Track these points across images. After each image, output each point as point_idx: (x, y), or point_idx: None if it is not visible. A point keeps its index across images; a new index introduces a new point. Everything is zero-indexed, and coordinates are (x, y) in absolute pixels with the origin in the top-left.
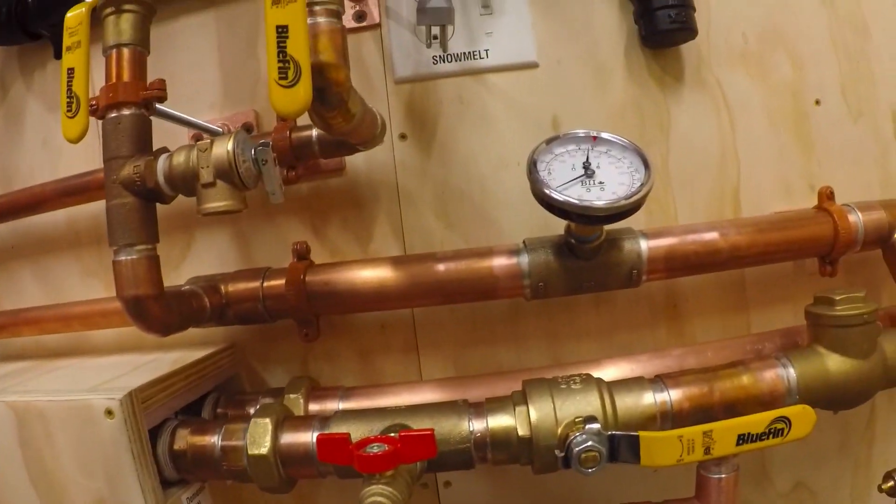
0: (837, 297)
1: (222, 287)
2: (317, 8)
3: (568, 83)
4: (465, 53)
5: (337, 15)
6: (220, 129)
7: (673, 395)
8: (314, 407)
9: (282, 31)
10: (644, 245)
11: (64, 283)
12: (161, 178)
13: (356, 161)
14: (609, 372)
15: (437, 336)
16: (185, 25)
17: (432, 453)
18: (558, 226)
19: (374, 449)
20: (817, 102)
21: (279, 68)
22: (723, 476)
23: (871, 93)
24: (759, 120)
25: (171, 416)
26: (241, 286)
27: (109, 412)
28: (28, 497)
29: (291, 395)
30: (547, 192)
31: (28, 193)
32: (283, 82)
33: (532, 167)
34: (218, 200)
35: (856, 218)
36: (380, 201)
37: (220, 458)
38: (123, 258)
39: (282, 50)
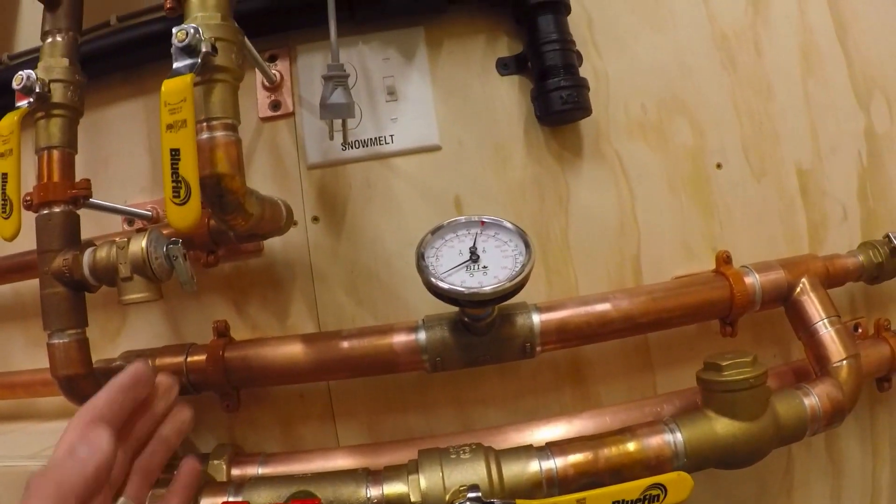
0: (724, 363)
1: (150, 361)
2: (214, 122)
3: (469, 163)
4: (371, 139)
5: (233, 128)
6: (150, 213)
7: (558, 463)
8: (236, 472)
9: (174, 154)
10: (536, 319)
11: (9, 352)
12: (86, 271)
13: (273, 243)
14: (510, 438)
15: (351, 405)
16: (116, 114)
17: None
18: None
19: None
20: (718, 166)
21: (173, 188)
22: None
23: (774, 152)
24: (659, 187)
25: None
26: (168, 360)
27: None
28: None
29: (215, 462)
30: (433, 280)
31: None
32: (177, 200)
33: (419, 259)
34: (135, 292)
35: (753, 279)
36: (295, 280)
37: None
38: (56, 341)
39: (175, 171)
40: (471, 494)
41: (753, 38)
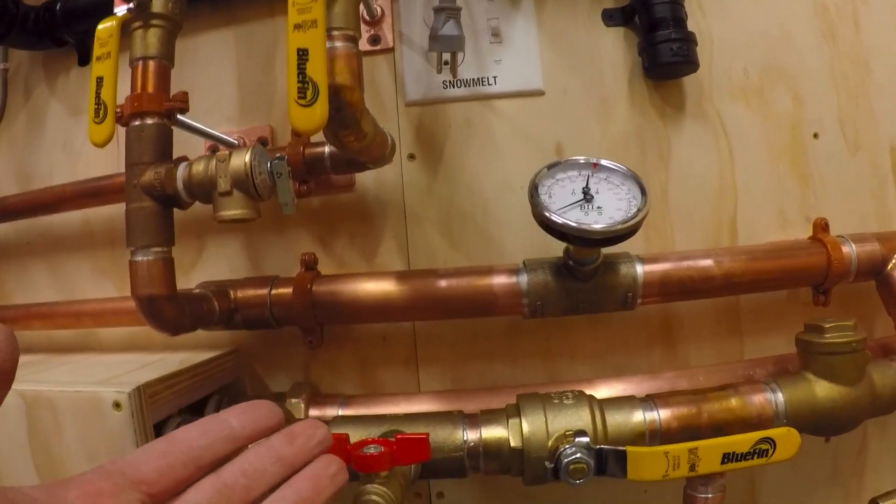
0: (827, 325)
1: (231, 293)
2: (335, 33)
3: (572, 111)
4: (474, 79)
5: (353, 40)
6: (237, 142)
7: (662, 415)
8: (314, 412)
9: (302, 55)
10: (640, 269)
11: (76, 282)
12: (180, 185)
13: (365, 178)
14: (601, 392)
15: (436, 350)
16: (205, 41)
17: (426, 457)
18: (558, 248)
19: (371, 450)
20: (815, 136)
21: (298, 88)
22: (709, 496)
23: (869, 127)
24: (758, 152)
25: (175, 413)
26: (250, 293)
27: (117, 405)
28: (32, 483)
29: (293, 400)
30: (546, 214)
31: (48, 193)
32: (302, 101)
33: (533, 191)
34: (233, 209)
35: (849, 249)
36: (387, 218)
37: None
38: (140, 259)
39: (301, 71)
40: (579, 440)
41: (853, 12)
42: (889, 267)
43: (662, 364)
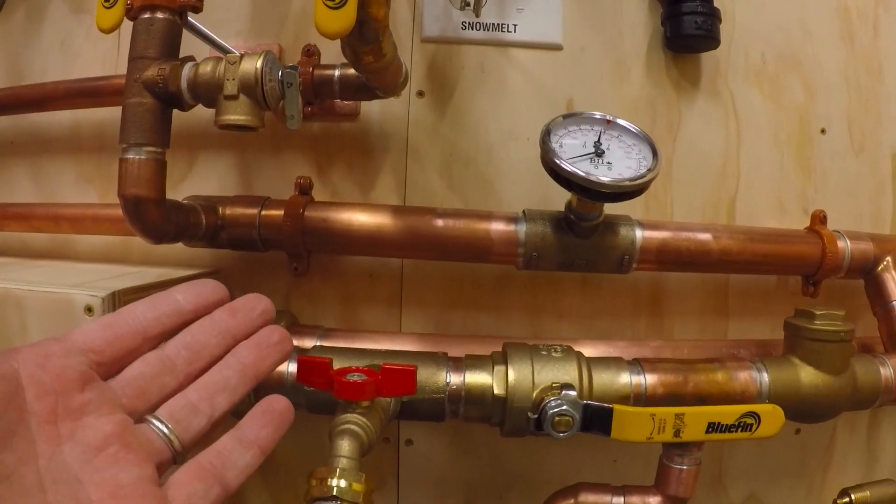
0: (818, 312)
1: (220, 209)
2: None
3: (588, 70)
4: (493, 24)
5: None
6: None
7: (648, 379)
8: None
9: None
10: (639, 234)
11: (58, 186)
12: (184, 84)
13: (371, 109)
14: (586, 352)
15: (422, 292)
16: None
17: (412, 389)
18: (557, 203)
19: (355, 377)
20: (823, 131)
21: None
22: (684, 468)
23: (875, 131)
24: (766, 137)
25: None
26: (239, 211)
27: (89, 309)
28: None
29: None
30: (557, 161)
31: (38, 89)
32: (330, 3)
33: (546, 136)
34: (237, 114)
35: (844, 244)
36: (388, 153)
37: None
38: (131, 157)
39: None
40: (566, 392)
41: (874, 18)
42: (880, 268)
43: (647, 333)
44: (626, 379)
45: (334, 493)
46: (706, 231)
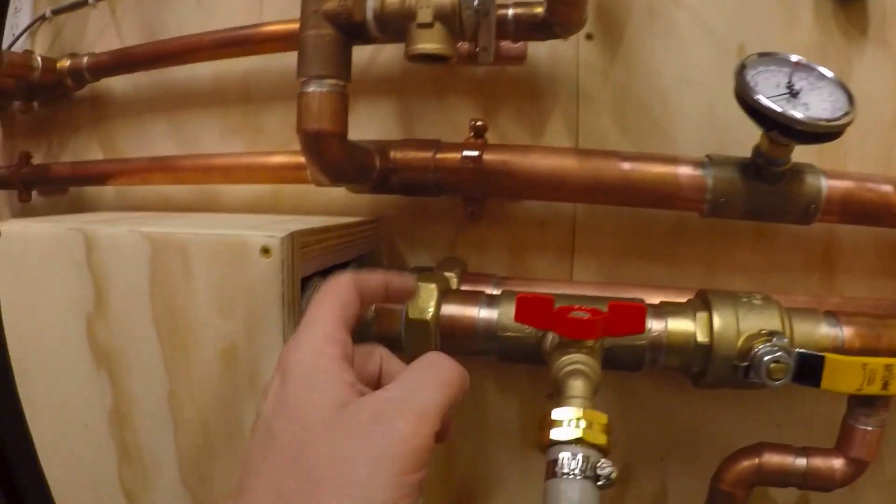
0: None
1: (391, 152)
2: None
3: (758, 14)
4: None
5: None
6: None
7: (845, 332)
8: (466, 289)
9: None
10: (824, 182)
11: (201, 140)
12: (370, 14)
13: (538, 53)
14: None
15: (595, 240)
16: None
17: (641, 328)
18: (733, 150)
19: (580, 314)
20: None
21: None
22: (869, 429)
23: None
24: None
25: (315, 273)
26: (412, 154)
27: (266, 250)
28: (144, 335)
29: (447, 273)
30: (755, 96)
31: (182, 41)
32: None
33: (741, 70)
34: (432, 42)
35: None
36: (558, 97)
37: (372, 320)
38: (312, 90)
39: None
40: (777, 340)
41: None
42: None
43: (819, 290)
44: (824, 330)
45: (579, 436)
46: (888, 183)
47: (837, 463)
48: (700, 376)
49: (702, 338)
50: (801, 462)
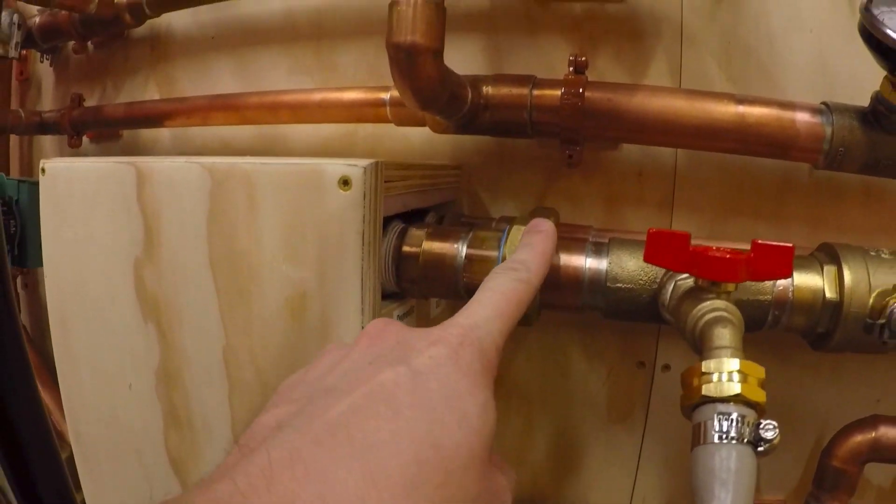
0: None
1: (483, 87)
2: None
3: None
4: None
5: None
6: None
7: None
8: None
9: None
10: None
11: (269, 79)
12: None
13: None
14: None
15: (696, 195)
16: None
17: (788, 272)
18: (844, 100)
19: (722, 255)
20: None
21: None
22: None
23: None
24: None
25: (395, 215)
26: (505, 90)
27: (345, 182)
28: (199, 282)
29: None
30: (884, 29)
31: None
32: None
33: (868, 4)
34: None
35: None
36: (660, 37)
37: (463, 268)
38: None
39: None
40: None
41: None
42: None
43: None
44: None
45: (736, 392)
46: None
47: None
48: (825, 338)
49: (831, 294)
50: None
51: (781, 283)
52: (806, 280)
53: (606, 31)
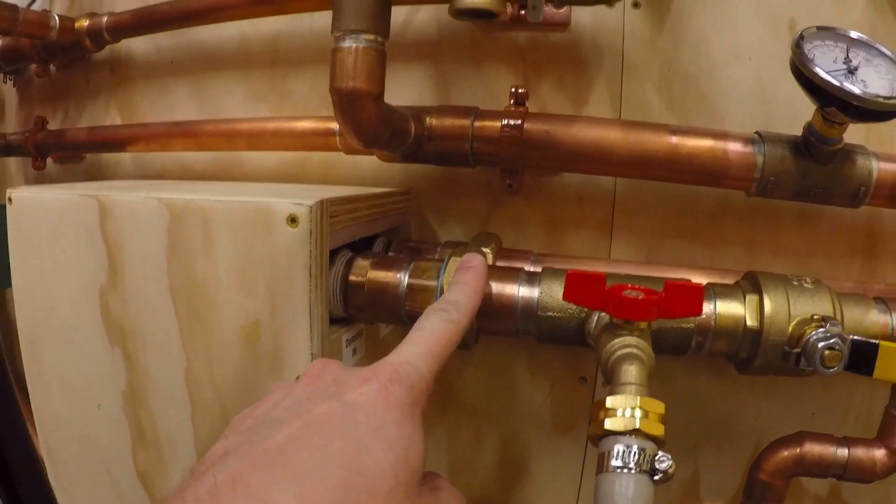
0: None
1: (427, 119)
2: None
3: None
4: None
5: None
6: None
7: (895, 319)
8: (502, 265)
9: None
10: (875, 164)
11: (225, 105)
12: None
13: (582, 19)
14: None
15: (635, 219)
16: None
17: (698, 310)
18: (781, 127)
19: (633, 294)
20: None
21: None
22: None
23: None
24: None
25: (343, 245)
26: (449, 122)
27: (293, 219)
28: (161, 310)
29: (483, 249)
30: (812, 68)
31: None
32: None
33: (799, 41)
34: None
35: None
36: (602, 66)
37: (405, 296)
38: (348, 45)
39: None
40: (831, 326)
41: None
42: None
43: (861, 276)
44: (875, 317)
45: (635, 427)
46: None
47: (879, 454)
48: (747, 362)
49: (752, 322)
50: (843, 452)
51: (705, 310)
52: (728, 308)
53: (549, 60)
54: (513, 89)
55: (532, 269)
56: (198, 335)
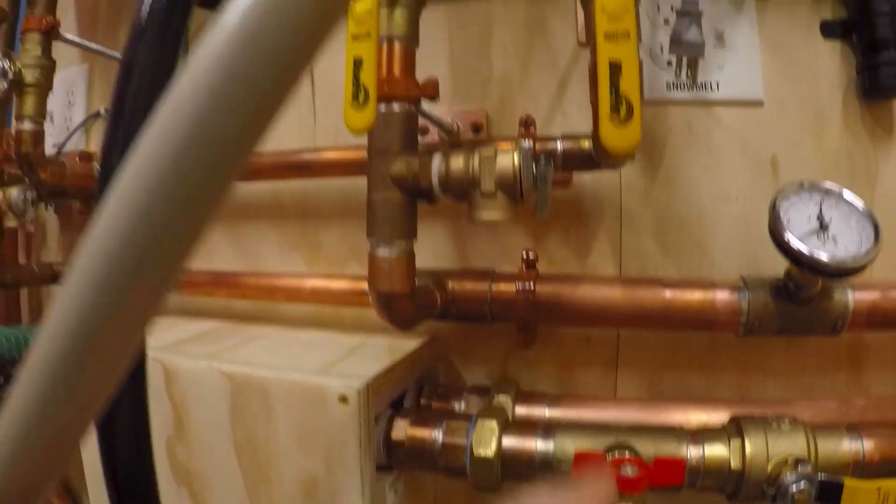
0: None
1: (449, 284)
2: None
3: (789, 124)
4: (698, 84)
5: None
6: (451, 125)
7: (866, 445)
8: (521, 410)
9: (615, 69)
10: (851, 296)
11: (260, 253)
12: (435, 180)
13: (582, 176)
14: (799, 413)
15: (637, 356)
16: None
17: (680, 480)
18: (767, 262)
19: (629, 471)
20: None
21: (611, 104)
22: None
23: None
24: None
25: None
26: (469, 286)
27: (344, 399)
28: (226, 461)
29: (501, 397)
30: (785, 237)
31: None
32: (616, 118)
33: (774, 205)
34: (494, 210)
35: None
36: (602, 219)
37: (439, 453)
38: (383, 254)
39: (615, 86)
40: (801, 468)
41: None
42: None
43: (848, 387)
44: (847, 446)
45: None
46: None
47: None
48: (733, 496)
49: (735, 464)
50: None
51: (694, 455)
52: (715, 451)
53: (555, 215)
54: (524, 254)
55: (548, 411)
56: (261, 486)
